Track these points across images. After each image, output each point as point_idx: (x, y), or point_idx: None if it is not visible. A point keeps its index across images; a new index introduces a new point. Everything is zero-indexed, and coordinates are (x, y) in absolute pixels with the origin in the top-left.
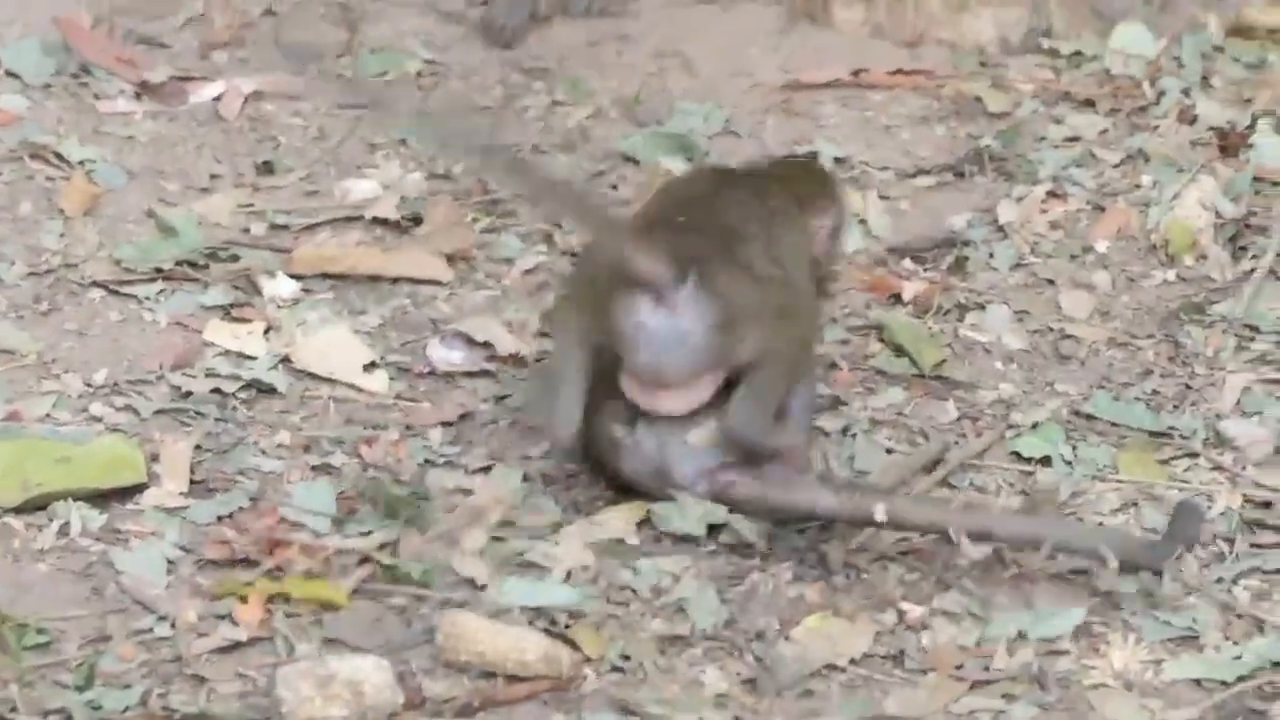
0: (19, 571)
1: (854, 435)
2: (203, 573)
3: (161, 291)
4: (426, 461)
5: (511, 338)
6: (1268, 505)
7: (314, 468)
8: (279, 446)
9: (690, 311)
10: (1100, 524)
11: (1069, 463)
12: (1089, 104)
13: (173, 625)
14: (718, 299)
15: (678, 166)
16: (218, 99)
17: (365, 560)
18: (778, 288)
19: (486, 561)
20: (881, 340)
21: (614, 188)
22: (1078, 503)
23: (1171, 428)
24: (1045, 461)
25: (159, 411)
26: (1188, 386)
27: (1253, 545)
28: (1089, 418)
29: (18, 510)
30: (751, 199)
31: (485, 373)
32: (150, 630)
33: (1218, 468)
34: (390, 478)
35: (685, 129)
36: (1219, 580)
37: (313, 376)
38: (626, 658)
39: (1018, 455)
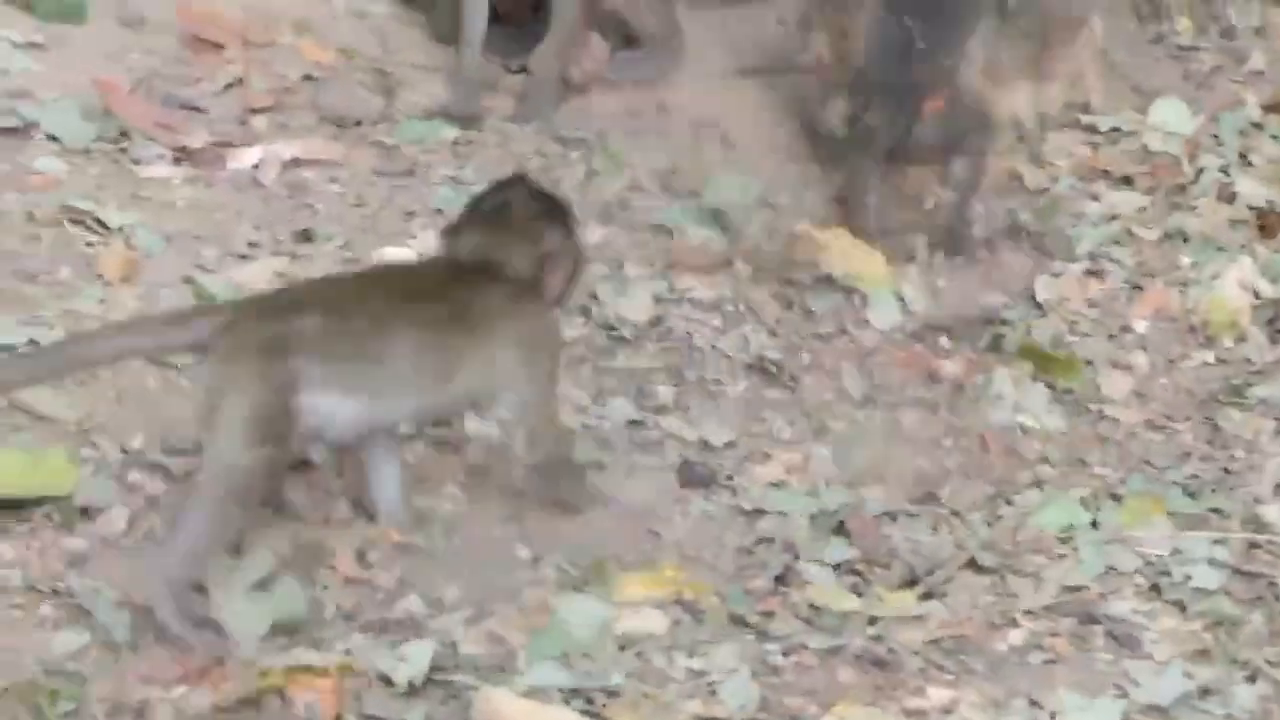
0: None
1: (894, 516)
2: None
3: (199, 359)
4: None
5: None
6: None
7: None
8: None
9: None
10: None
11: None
12: (1127, 181)
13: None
14: None
15: (711, 237)
16: (256, 165)
17: None
18: None
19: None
20: None
21: (651, 263)
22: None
23: (1211, 509)
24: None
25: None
26: (1226, 470)
27: None
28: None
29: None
30: None
31: None
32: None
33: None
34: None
35: (721, 202)
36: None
37: None
38: None
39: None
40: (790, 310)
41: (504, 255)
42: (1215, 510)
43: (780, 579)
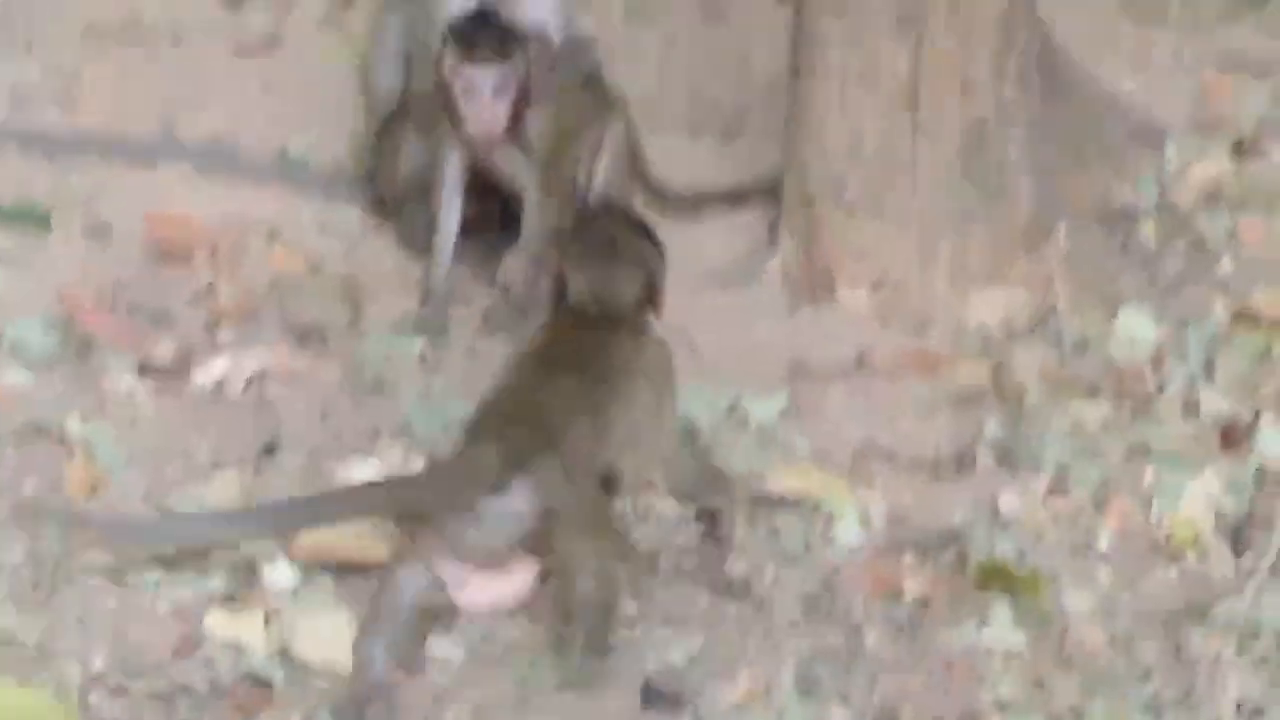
0: None
1: None
2: None
3: (161, 579)
4: None
5: (516, 631)
6: None
7: None
8: None
9: None
10: None
11: None
12: (1093, 392)
13: None
14: None
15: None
16: (221, 377)
17: None
18: None
19: None
20: None
21: None
22: None
23: None
24: None
25: (157, 700)
26: (1189, 691)
27: None
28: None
29: None
30: None
31: None
32: None
33: None
34: None
35: (690, 412)
36: None
37: (311, 669)
38: None
39: None
40: (755, 527)
41: (620, 291)
42: None
43: None
